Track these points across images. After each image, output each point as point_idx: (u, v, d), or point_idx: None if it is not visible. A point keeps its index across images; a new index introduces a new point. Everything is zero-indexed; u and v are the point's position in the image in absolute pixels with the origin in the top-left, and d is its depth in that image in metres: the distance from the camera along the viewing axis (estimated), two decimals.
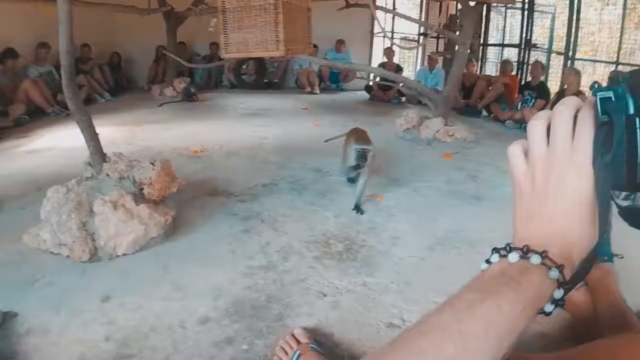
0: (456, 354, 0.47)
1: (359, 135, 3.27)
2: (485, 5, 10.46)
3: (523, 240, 0.58)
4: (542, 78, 8.62)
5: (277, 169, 4.04)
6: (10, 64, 6.91)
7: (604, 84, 0.57)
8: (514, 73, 9.57)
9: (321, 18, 6.52)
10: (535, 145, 0.61)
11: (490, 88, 8.65)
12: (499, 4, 10.37)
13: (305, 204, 3.18)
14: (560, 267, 0.55)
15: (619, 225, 0.65)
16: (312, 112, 7.71)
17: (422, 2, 12.59)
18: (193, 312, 1.92)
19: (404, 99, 9.22)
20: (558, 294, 0.55)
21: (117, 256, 2.40)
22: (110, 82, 9.30)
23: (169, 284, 2.15)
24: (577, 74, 7.35)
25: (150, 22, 8.67)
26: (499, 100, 8.14)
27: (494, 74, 10.12)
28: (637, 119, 0.53)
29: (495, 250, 0.59)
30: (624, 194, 0.58)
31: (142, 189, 2.67)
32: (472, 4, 6.27)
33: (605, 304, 1.80)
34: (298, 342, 1.65)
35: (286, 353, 1.62)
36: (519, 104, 7.82)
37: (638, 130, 0.53)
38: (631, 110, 0.53)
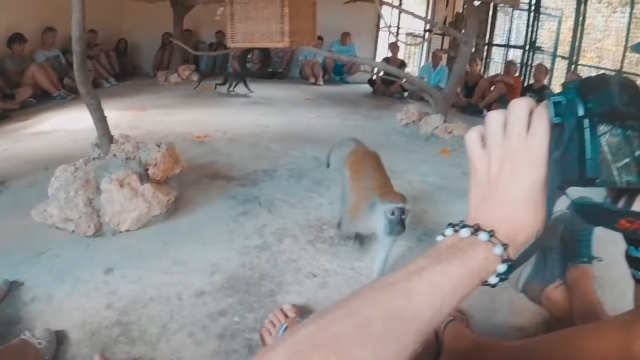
0: (404, 307, 0.55)
1: (380, 181, 2.21)
2: (492, 6, 10.52)
3: (475, 219, 0.66)
4: (546, 81, 8.67)
5: (277, 157, 4.14)
6: (18, 49, 7.01)
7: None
8: (517, 74, 9.59)
9: (328, 10, 6.60)
10: (493, 134, 0.68)
11: (492, 88, 8.72)
12: (504, 5, 10.39)
13: (302, 191, 3.28)
14: (504, 246, 0.63)
15: (602, 231, 0.73)
16: (315, 103, 7.78)
17: (427, 2, 12.63)
18: (190, 286, 2.03)
19: (406, 94, 9.28)
20: (501, 268, 0.63)
21: (121, 232, 2.52)
22: (116, 67, 9.37)
23: (168, 259, 2.27)
24: (579, 77, 7.43)
25: (157, 10, 8.76)
26: (500, 101, 8.19)
27: (497, 74, 10.16)
28: (586, 120, 0.61)
29: (451, 225, 0.67)
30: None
31: (147, 169, 2.78)
32: (476, 3, 6.33)
33: (581, 304, 1.88)
34: (286, 316, 1.76)
35: (274, 326, 1.73)
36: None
37: (586, 129, 0.61)
38: (581, 112, 0.61)
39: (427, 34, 11.89)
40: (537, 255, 2.12)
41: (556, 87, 9.54)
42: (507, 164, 0.66)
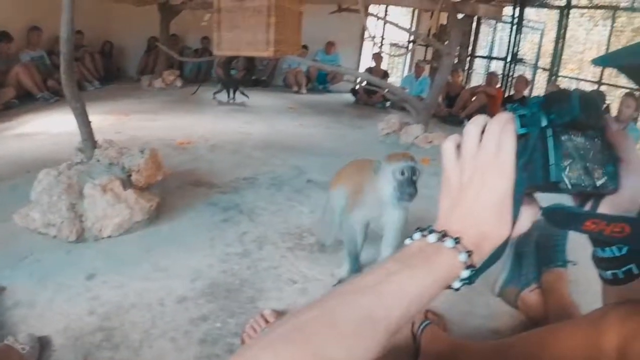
0: (374, 308, 0.60)
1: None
2: (475, 18, 10.65)
3: (444, 225, 0.69)
4: (526, 93, 8.80)
5: (259, 165, 4.18)
6: (5, 48, 6.95)
7: None
8: (498, 85, 9.72)
9: (313, 19, 6.65)
10: (469, 145, 0.71)
11: (473, 98, 8.83)
12: (488, 18, 10.53)
13: (283, 199, 3.32)
14: (469, 253, 0.66)
15: (577, 236, 0.78)
16: (298, 111, 7.84)
17: (413, 10, 12.74)
18: (172, 292, 2.06)
19: (388, 103, 9.37)
20: (465, 274, 0.67)
21: (103, 238, 2.54)
22: (101, 70, 9.30)
23: (150, 265, 2.29)
24: (559, 88, 7.57)
25: (144, 13, 8.74)
26: (481, 111, 8.29)
27: (479, 85, 10.29)
28: (548, 130, 0.67)
29: (419, 230, 0.70)
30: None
31: (130, 175, 2.81)
32: (460, 16, 6.42)
33: (556, 307, 1.96)
34: (267, 321, 1.80)
35: (255, 331, 1.77)
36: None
37: (549, 138, 0.67)
38: (544, 123, 0.67)
39: (410, 44, 11.99)
40: (512, 260, 2.20)
41: None
42: (478, 173, 0.69)
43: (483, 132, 0.71)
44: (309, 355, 0.54)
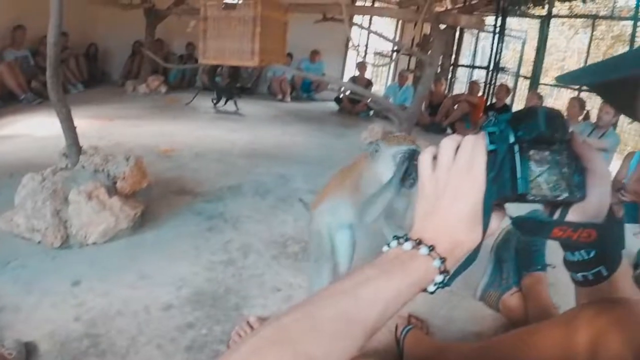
0: (352, 311, 0.64)
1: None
2: (458, 28, 10.78)
3: (419, 232, 0.74)
4: (508, 101, 8.93)
5: (244, 173, 4.20)
6: None
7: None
8: (480, 94, 9.82)
9: (298, 28, 6.69)
10: (444, 158, 0.76)
11: (456, 107, 8.93)
12: (469, 28, 10.66)
13: (267, 207, 3.35)
14: (442, 259, 0.71)
15: (556, 242, 0.83)
16: (282, 119, 7.88)
17: (397, 19, 12.84)
18: (157, 299, 2.08)
19: (371, 112, 9.44)
20: (439, 278, 0.72)
21: (88, 244, 2.55)
22: (85, 73, 9.26)
23: (135, 272, 2.30)
24: (540, 98, 7.70)
25: (130, 17, 8.74)
26: (464, 119, 8.40)
27: (461, 93, 10.40)
28: (516, 146, 0.72)
29: (396, 237, 0.75)
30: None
31: (116, 182, 2.82)
32: (442, 27, 6.51)
33: (536, 309, 2.02)
34: (252, 328, 1.83)
35: (241, 338, 1.80)
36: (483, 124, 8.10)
37: (516, 153, 0.72)
38: (511, 140, 0.73)
39: (394, 54, 12.09)
40: (493, 265, 2.28)
41: (519, 106, 9.87)
42: (452, 186, 0.74)
43: (458, 147, 0.76)
44: (291, 354, 0.58)
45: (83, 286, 2.15)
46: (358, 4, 12.01)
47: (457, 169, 0.74)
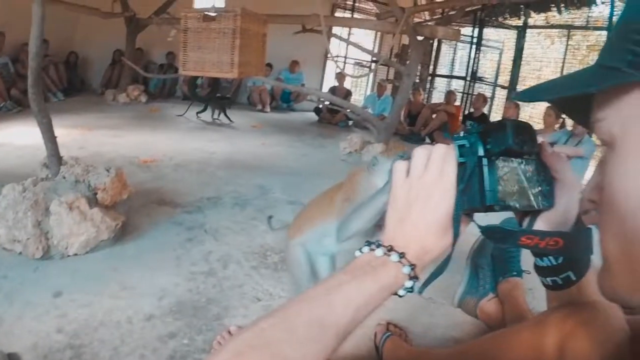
0: (325, 315, 0.68)
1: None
2: (436, 38, 10.93)
3: (390, 239, 0.77)
4: (486, 110, 9.06)
5: (223, 184, 4.23)
6: None
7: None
8: (457, 103, 9.95)
9: (278, 38, 6.74)
10: (417, 167, 0.78)
11: (434, 116, 9.04)
12: (447, 39, 10.81)
13: (247, 218, 3.39)
14: (412, 266, 0.74)
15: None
16: (262, 130, 7.93)
17: (376, 31, 12.96)
18: (139, 310, 2.10)
19: (351, 122, 9.51)
20: (409, 284, 0.74)
21: (69, 255, 2.56)
22: (65, 81, 9.18)
23: (117, 283, 2.33)
24: (517, 107, 7.82)
25: (111, 25, 8.70)
26: (442, 129, 8.50)
27: (439, 102, 10.53)
28: (485, 159, 0.74)
29: (368, 243, 0.77)
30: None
31: (96, 193, 2.83)
32: (420, 38, 6.61)
33: (513, 314, 2.07)
34: None
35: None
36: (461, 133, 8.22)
37: (485, 166, 0.74)
38: (481, 152, 0.75)
39: (373, 64, 12.20)
40: (470, 273, 2.35)
41: (496, 115, 10.01)
42: (423, 194, 0.76)
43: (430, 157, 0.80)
44: (269, 357, 0.62)
45: (65, 297, 2.17)
46: (337, 14, 12.10)
47: (428, 178, 0.77)
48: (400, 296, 0.77)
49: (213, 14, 4.64)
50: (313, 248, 1.81)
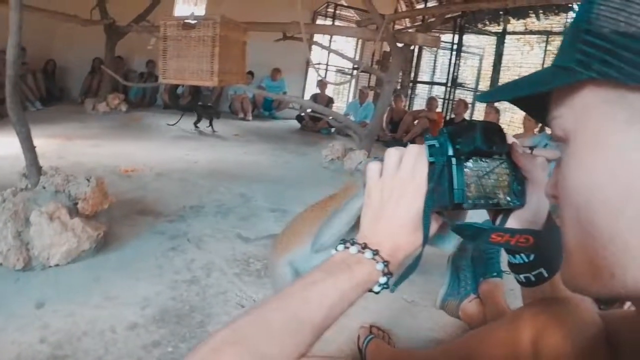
0: (300, 312, 0.70)
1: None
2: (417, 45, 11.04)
3: (365, 237, 0.80)
4: (467, 115, 9.15)
5: (205, 193, 4.23)
6: None
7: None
8: (439, 110, 10.04)
9: (259, 46, 6.78)
10: (389, 167, 0.81)
11: (416, 123, 9.10)
12: (427, 46, 10.91)
13: (229, 226, 3.39)
14: (386, 263, 0.77)
15: None
16: (243, 138, 7.94)
17: (357, 39, 13.05)
18: (122, 319, 2.09)
19: (333, 129, 9.56)
20: (383, 280, 0.77)
21: (50, 266, 2.54)
22: (43, 90, 9.07)
23: (99, 293, 2.31)
24: (497, 112, 7.92)
25: (90, 33, 8.61)
26: (424, 135, 8.56)
27: (421, 109, 10.63)
28: (454, 159, 0.76)
29: (343, 242, 0.80)
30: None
31: (77, 203, 2.82)
32: (400, 45, 6.67)
33: (494, 314, 2.12)
34: None
35: None
36: None
37: (454, 166, 0.75)
38: (450, 152, 0.76)
39: (354, 71, 12.27)
40: (450, 275, 2.39)
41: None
42: (396, 193, 0.79)
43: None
44: (246, 353, 0.64)
45: (47, 308, 2.15)
46: (318, 22, 12.16)
47: (400, 178, 0.79)
48: (375, 292, 0.79)
49: (192, 22, 4.65)
50: (302, 265, 1.77)
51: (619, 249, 0.49)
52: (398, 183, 0.80)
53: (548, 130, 6.71)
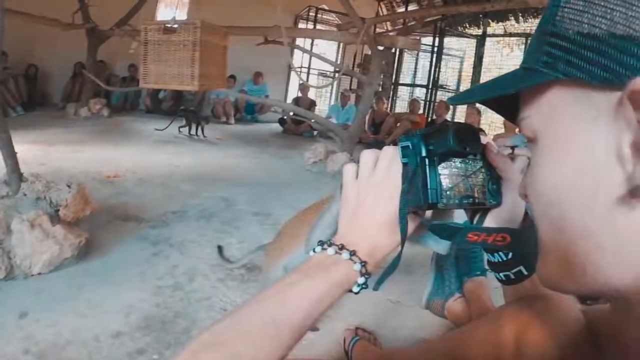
0: (278, 314, 0.70)
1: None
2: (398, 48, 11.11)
3: (342, 238, 0.80)
4: (448, 117, 9.23)
5: (188, 197, 4.22)
6: None
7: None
8: (421, 111, 10.10)
9: (241, 50, 6.77)
10: (365, 169, 0.82)
11: (398, 125, 9.15)
12: (407, 49, 10.99)
13: (212, 231, 3.39)
14: (363, 263, 0.77)
15: None
16: (226, 142, 7.94)
17: (338, 43, 13.10)
18: (106, 327, 2.08)
19: (315, 132, 9.58)
20: (361, 280, 0.77)
21: (33, 275, 2.51)
22: (24, 95, 8.97)
23: (82, 301, 2.30)
24: (479, 113, 8.00)
25: (71, 37, 8.51)
26: None
27: (403, 112, 10.70)
28: (426, 159, 0.76)
29: (321, 243, 0.80)
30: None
31: (58, 210, 2.79)
32: (380, 48, 6.70)
33: (478, 312, 2.13)
34: None
35: None
36: None
37: (427, 167, 0.76)
38: (423, 153, 0.77)
39: (336, 74, 12.31)
40: (435, 274, 2.41)
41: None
42: (371, 194, 0.80)
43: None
44: (224, 355, 0.64)
45: (30, 318, 2.13)
46: (300, 26, 12.19)
47: (375, 179, 0.80)
48: (355, 293, 0.79)
49: (174, 26, 4.64)
50: None
51: (590, 246, 0.50)
52: (373, 184, 0.81)
53: None
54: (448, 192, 0.78)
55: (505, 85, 0.60)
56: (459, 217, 0.91)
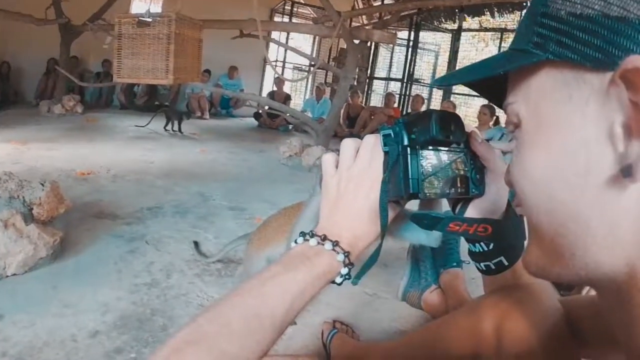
0: (260, 307, 0.69)
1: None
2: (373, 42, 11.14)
3: (324, 229, 0.79)
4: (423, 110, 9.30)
5: (163, 193, 4.20)
6: None
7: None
8: (396, 105, 10.15)
9: (216, 44, 6.73)
10: (345, 158, 0.81)
11: (373, 118, 9.18)
12: (383, 42, 11.01)
13: (188, 227, 3.37)
14: (346, 253, 0.76)
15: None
16: (201, 137, 7.90)
17: (314, 36, 13.08)
18: (83, 327, 2.06)
19: (291, 126, 9.58)
20: (344, 271, 0.77)
21: (7, 276, 2.47)
22: None
23: (58, 302, 2.27)
24: (454, 107, 8.08)
25: (44, 33, 8.38)
26: None
27: (379, 105, 10.74)
28: (408, 148, 0.75)
29: (302, 234, 0.79)
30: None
31: (32, 209, 2.76)
32: (356, 42, 6.71)
33: (455, 303, 2.18)
34: None
35: None
36: None
37: (409, 156, 0.75)
38: (405, 142, 0.76)
39: (312, 68, 12.31)
40: (411, 266, 2.44)
41: None
42: (352, 185, 0.79)
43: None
44: (206, 352, 0.63)
45: (6, 320, 2.10)
46: (276, 19, 12.15)
47: (356, 168, 0.80)
48: (338, 284, 0.79)
49: (148, 19, 4.59)
50: None
51: (580, 228, 0.50)
52: (355, 174, 0.80)
53: (502, 124, 6.88)
54: (430, 182, 0.77)
55: (493, 66, 0.59)
56: (447, 206, 0.93)
